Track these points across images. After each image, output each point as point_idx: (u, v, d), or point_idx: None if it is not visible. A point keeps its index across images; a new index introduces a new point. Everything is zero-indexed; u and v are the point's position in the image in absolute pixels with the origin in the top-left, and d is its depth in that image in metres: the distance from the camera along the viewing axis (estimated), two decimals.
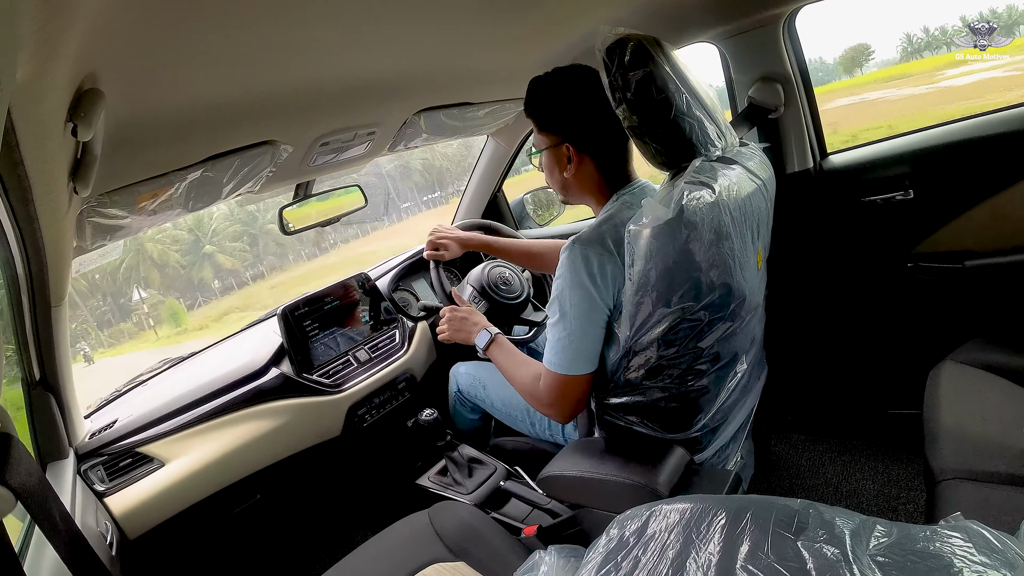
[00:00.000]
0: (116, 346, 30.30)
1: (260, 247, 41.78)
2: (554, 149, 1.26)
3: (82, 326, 29.13)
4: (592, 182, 1.26)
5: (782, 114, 1.86)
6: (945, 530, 0.66)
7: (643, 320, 1.09)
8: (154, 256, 34.72)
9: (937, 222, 1.75)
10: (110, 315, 36.40)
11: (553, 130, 1.26)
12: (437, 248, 1.73)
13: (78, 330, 25.08)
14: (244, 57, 0.96)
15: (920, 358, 1.69)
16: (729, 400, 1.26)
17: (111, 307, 36.69)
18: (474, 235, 1.80)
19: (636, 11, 1.52)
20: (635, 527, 0.81)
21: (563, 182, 1.29)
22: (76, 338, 23.98)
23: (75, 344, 21.83)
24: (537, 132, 1.29)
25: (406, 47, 1.22)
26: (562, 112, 1.23)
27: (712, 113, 1.17)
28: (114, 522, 1.47)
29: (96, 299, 26.26)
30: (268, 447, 1.73)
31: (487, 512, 1.45)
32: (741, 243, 1.14)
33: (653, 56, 1.10)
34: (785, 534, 0.69)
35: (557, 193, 1.36)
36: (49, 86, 0.64)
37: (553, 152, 1.27)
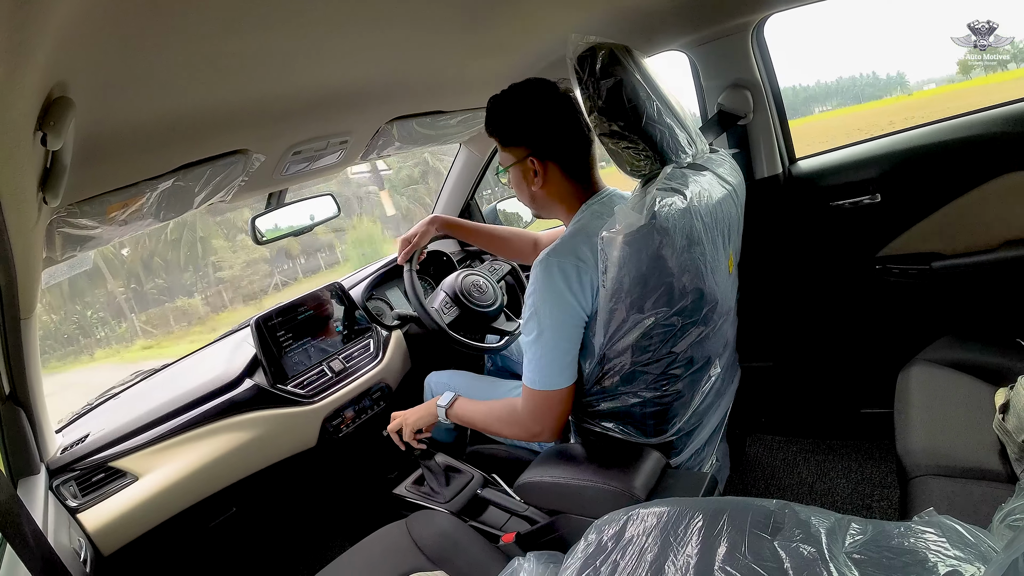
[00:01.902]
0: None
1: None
2: (519, 164, 1.25)
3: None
4: (560, 192, 1.26)
5: (751, 121, 1.89)
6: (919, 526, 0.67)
7: (617, 326, 1.10)
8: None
9: (904, 225, 1.79)
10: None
11: (515, 143, 1.25)
12: (411, 240, 1.71)
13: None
14: (216, 66, 0.95)
15: (891, 358, 1.73)
16: (703, 403, 1.27)
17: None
18: (447, 217, 1.78)
19: (607, 20, 1.54)
20: (613, 532, 0.81)
21: (532, 195, 1.28)
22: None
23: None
24: (501, 150, 1.29)
25: (378, 55, 1.22)
26: (521, 125, 1.23)
27: (682, 120, 1.19)
28: (88, 538, 1.44)
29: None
30: (243, 459, 1.71)
31: (465, 520, 1.45)
32: (712, 248, 1.15)
33: (624, 64, 1.12)
34: (762, 534, 0.70)
35: (528, 207, 1.36)
36: (18, 94, 0.63)
37: (519, 167, 1.26)
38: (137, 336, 22.18)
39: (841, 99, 19.60)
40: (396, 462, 1.95)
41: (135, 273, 23.11)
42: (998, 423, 1.24)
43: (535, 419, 1.22)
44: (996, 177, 1.63)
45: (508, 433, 1.32)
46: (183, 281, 23.35)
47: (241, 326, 2.13)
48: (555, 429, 1.23)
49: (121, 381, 2.00)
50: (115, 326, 22.66)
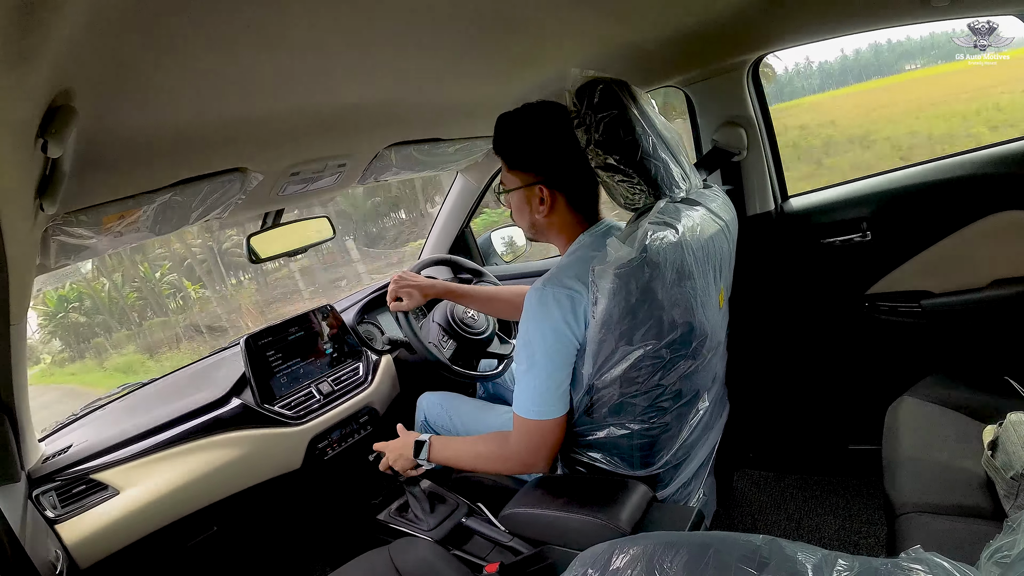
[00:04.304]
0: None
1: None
2: (526, 189, 1.23)
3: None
4: (562, 222, 1.25)
5: (745, 157, 1.91)
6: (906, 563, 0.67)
7: (606, 357, 1.10)
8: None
9: (894, 263, 1.82)
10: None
11: (524, 168, 1.23)
12: (399, 298, 1.72)
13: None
14: (218, 83, 0.96)
15: (879, 394, 1.73)
16: (691, 437, 1.27)
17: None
18: (437, 283, 1.78)
19: (606, 54, 1.56)
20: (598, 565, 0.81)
21: (533, 222, 1.26)
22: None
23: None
24: (506, 171, 1.26)
25: (379, 79, 1.23)
26: (534, 150, 1.21)
27: (677, 155, 1.20)
28: (65, 550, 1.41)
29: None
30: (226, 478, 1.69)
31: (448, 549, 1.43)
32: (703, 282, 1.16)
33: (621, 98, 1.13)
34: (748, 570, 0.70)
35: (525, 232, 1.34)
36: (22, 99, 0.63)
37: (524, 192, 1.24)
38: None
39: (938, 54, 16.49)
40: (380, 487, 1.94)
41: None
42: (987, 460, 1.24)
43: (529, 450, 1.21)
44: (985, 216, 1.66)
45: (500, 467, 1.30)
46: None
47: (231, 344, 2.12)
48: (549, 459, 1.22)
49: (108, 393, 1.98)
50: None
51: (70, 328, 21.38)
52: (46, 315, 20.74)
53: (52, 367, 20.81)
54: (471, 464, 1.35)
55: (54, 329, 21.30)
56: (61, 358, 21.36)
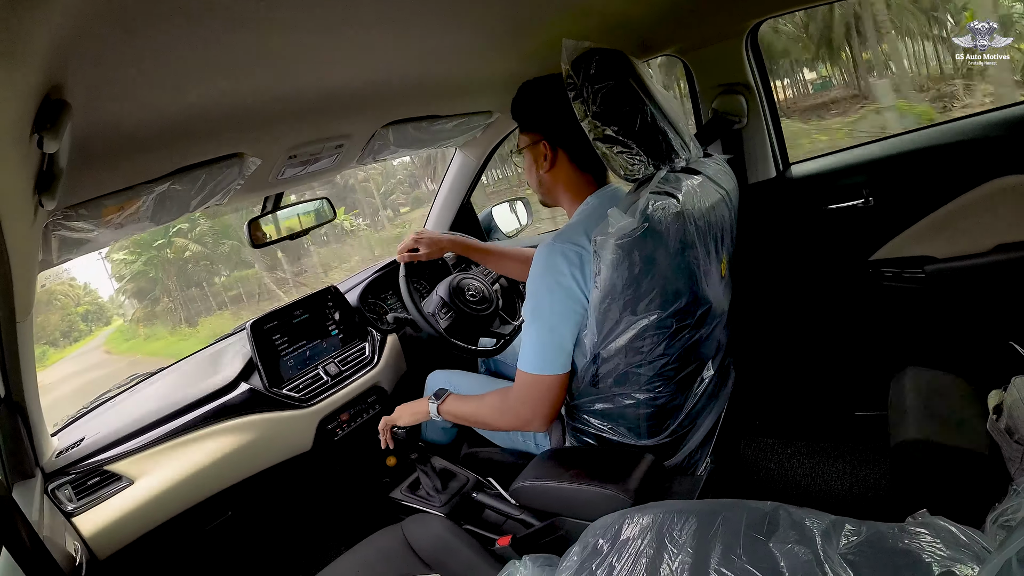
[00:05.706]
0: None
1: None
2: (532, 147, 1.30)
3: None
4: (566, 179, 1.29)
5: (745, 125, 1.90)
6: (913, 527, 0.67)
7: (610, 328, 1.11)
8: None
9: (897, 228, 1.80)
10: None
11: (532, 128, 1.30)
12: (415, 249, 1.73)
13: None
14: (212, 70, 0.95)
15: (885, 360, 1.73)
16: (697, 406, 1.28)
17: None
18: (456, 237, 1.80)
19: (602, 25, 1.55)
20: (608, 535, 0.82)
21: (539, 179, 1.32)
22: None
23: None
24: (521, 133, 1.34)
25: (374, 58, 1.22)
26: (538, 111, 1.28)
27: (676, 124, 1.20)
28: (83, 542, 1.43)
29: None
30: (239, 463, 1.71)
31: (460, 524, 1.45)
32: (705, 252, 1.16)
33: (618, 69, 1.12)
34: (757, 536, 0.71)
35: (536, 192, 1.38)
36: (14, 96, 0.63)
37: (531, 150, 1.30)
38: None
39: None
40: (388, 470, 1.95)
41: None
42: (991, 424, 1.25)
43: (526, 404, 1.23)
44: (988, 181, 1.64)
45: (498, 420, 1.33)
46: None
47: (236, 330, 2.13)
48: (546, 417, 1.24)
49: (117, 384, 1.99)
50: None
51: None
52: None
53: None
54: (473, 416, 1.38)
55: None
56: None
